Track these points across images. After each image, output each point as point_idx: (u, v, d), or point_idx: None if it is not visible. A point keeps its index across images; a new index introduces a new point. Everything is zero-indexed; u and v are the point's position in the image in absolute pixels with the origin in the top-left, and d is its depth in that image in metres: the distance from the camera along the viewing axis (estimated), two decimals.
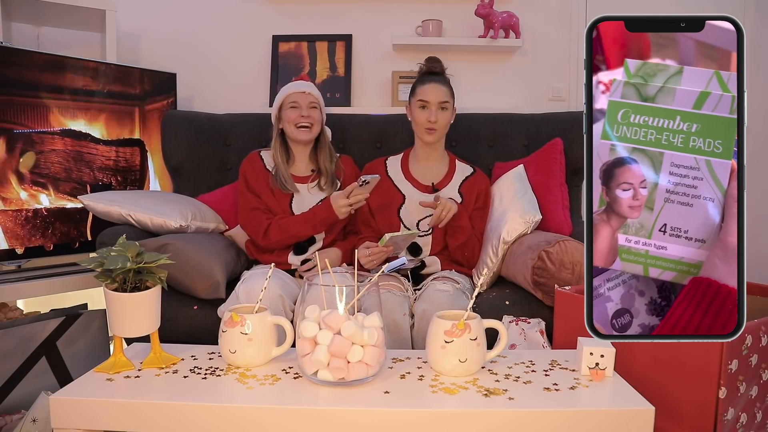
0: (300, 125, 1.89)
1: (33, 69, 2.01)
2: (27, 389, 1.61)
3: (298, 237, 1.84)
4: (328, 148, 2.00)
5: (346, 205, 1.77)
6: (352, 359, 1.01)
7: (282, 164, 1.91)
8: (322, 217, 1.80)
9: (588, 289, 0.44)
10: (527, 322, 1.54)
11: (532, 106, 2.59)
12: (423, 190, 1.92)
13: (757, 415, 1.20)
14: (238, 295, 1.58)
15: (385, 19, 2.69)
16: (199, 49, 2.71)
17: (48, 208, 2.06)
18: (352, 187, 1.75)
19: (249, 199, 1.90)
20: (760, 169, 2.66)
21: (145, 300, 1.11)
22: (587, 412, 0.95)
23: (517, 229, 1.76)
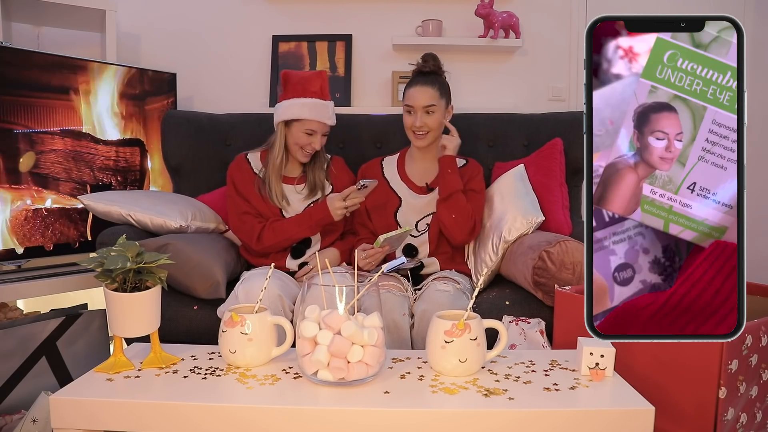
0: (307, 151, 1.87)
1: (33, 69, 2.01)
2: (27, 389, 1.61)
3: (293, 239, 1.82)
4: (322, 158, 1.97)
5: (342, 208, 1.75)
6: (352, 359, 1.01)
7: (275, 177, 1.87)
8: (317, 218, 1.79)
9: (588, 289, 0.43)
10: (527, 322, 1.54)
11: (532, 106, 2.59)
12: (418, 192, 1.92)
13: (757, 415, 1.20)
14: (238, 296, 1.57)
15: (385, 19, 2.69)
16: (199, 49, 2.71)
17: (48, 208, 2.06)
18: (350, 190, 1.74)
19: (238, 203, 1.87)
20: (760, 169, 2.66)
21: (145, 300, 1.11)
22: (587, 412, 0.95)
23: (519, 228, 1.75)
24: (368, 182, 1.72)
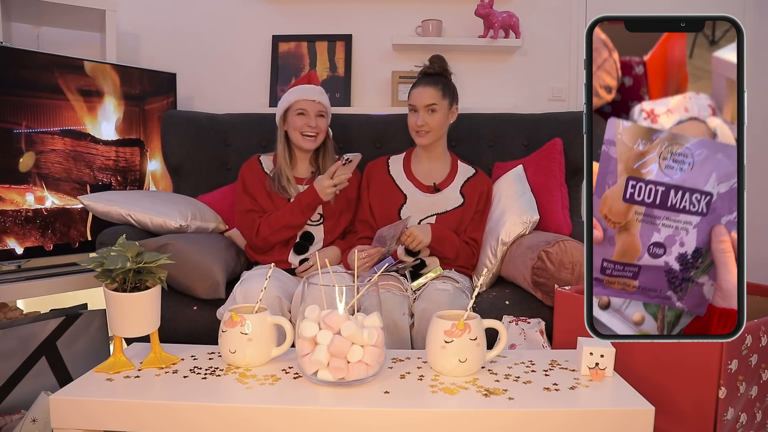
0: (306, 134, 1.90)
1: (33, 69, 2.01)
2: (27, 389, 1.61)
3: (289, 225, 1.84)
4: (332, 152, 2.01)
5: (331, 186, 1.78)
6: (352, 359, 1.01)
7: (286, 166, 1.92)
8: (307, 201, 1.82)
9: (588, 289, 0.43)
10: (527, 322, 1.54)
11: (532, 106, 2.59)
12: (425, 191, 1.92)
13: (757, 415, 1.20)
14: (236, 297, 1.58)
15: (385, 19, 2.69)
16: (199, 49, 2.71)
17: (48, 208, 2.06)
18: (335, 166, 1.77)
19: (244, 201, 1.92)
20: (760, 169, 2.66)
21: (145, 300, 1.11)
22: (587, 412, 0.95)
23: (516, 230, 1.76)
24: (352, 156, 1.75)
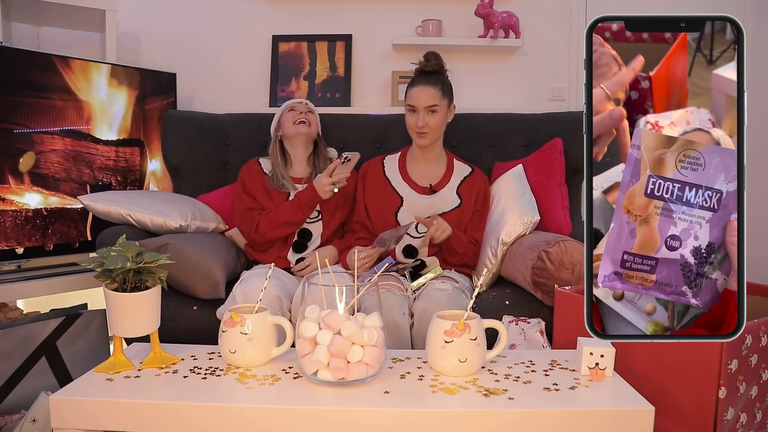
0: (299, 121, 1.96)
1: (33, 69, 2.01)
2: (27, 389, 1.61)
3: (288, 222, 1.86)
4: (325, 154, 2.07)
5: (329, 184, 1.80)
6: (352, 359, 1.01)
7: (280, 165, 1.98)
8: (306, 198, 1.84)
9: (588, 289, 0.43)
10: (527, 322, 1.54)
11: (532, 106, 2.59)
12: (421, 192, 1.92)
13: (757, 415, 1.20)
14: (235, 297, 1.58)
15: (385, 19, 2.69)
16: (199, 49, 2.71)
17: (48, 208, 2.06)
18: (334, 165, 1.80)
19: (244, 200, 1.94)
20: (760, 169, 2.66)
21: (145, 300, 1.11)
22: (587, 412, 0.95)
23: (516, 230, 1.76)
24: (351, 155, 1.77)
